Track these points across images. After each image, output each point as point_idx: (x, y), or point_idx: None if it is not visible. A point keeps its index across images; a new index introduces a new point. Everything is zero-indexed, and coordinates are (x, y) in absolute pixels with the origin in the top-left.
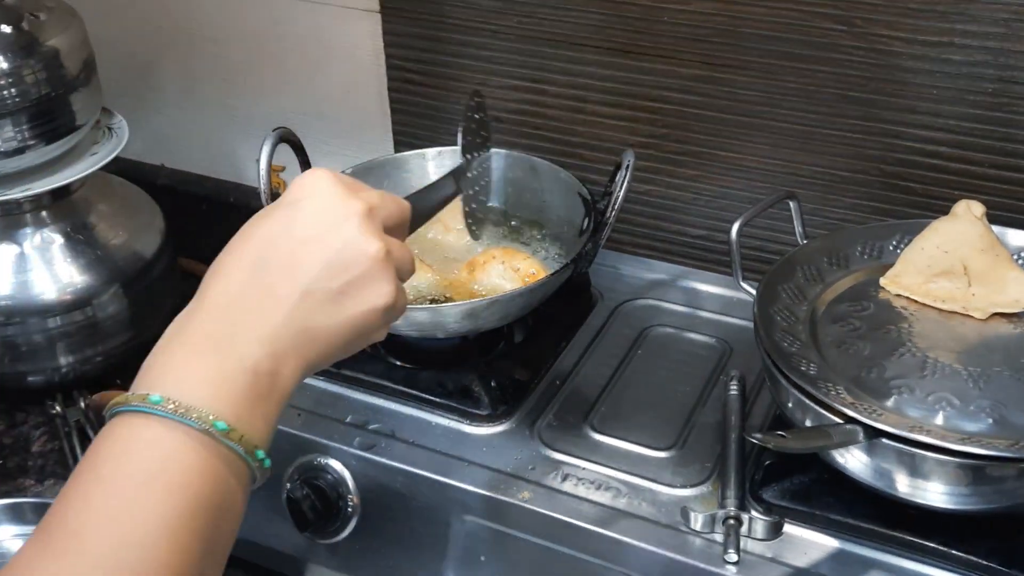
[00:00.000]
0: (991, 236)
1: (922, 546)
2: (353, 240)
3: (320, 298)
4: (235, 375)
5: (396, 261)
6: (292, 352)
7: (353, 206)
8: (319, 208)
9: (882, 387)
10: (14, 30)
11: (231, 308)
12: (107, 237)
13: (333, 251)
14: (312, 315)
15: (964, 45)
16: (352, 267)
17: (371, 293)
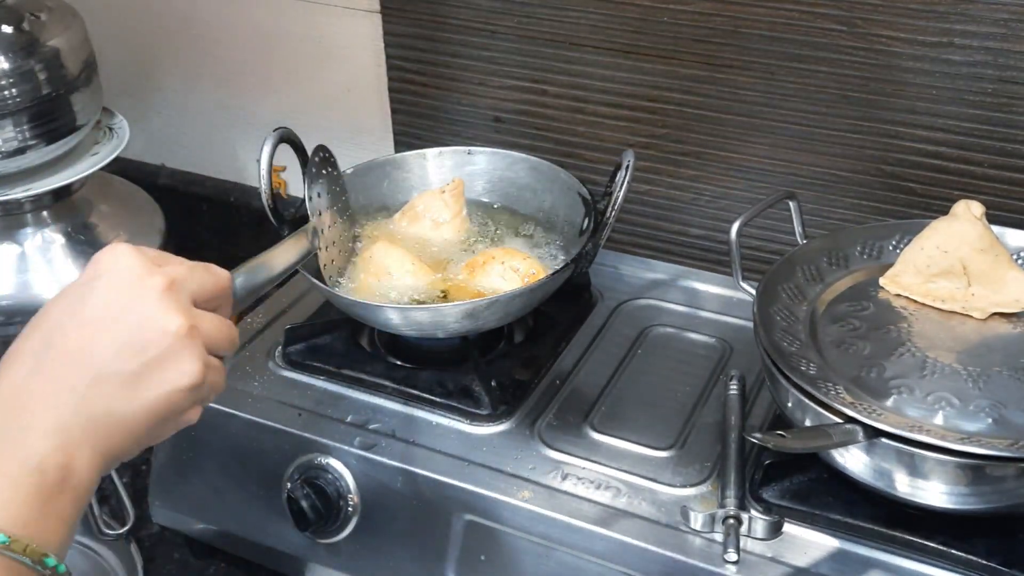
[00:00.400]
0: (991, 236)
1: (922, 546)
2: (150, 317)
3: (114, 383)
4: (19, 476)
5: (206, 336)
6: (86, 443)
7: (151, 281)
8: (113, 286)
9: (882, 387)
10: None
11: (16, 400)
12: (108, 237)
13: (127, 331)
14: (106, 402)
15: (964, 45)
16: (150, 347)
17: (172, 373)
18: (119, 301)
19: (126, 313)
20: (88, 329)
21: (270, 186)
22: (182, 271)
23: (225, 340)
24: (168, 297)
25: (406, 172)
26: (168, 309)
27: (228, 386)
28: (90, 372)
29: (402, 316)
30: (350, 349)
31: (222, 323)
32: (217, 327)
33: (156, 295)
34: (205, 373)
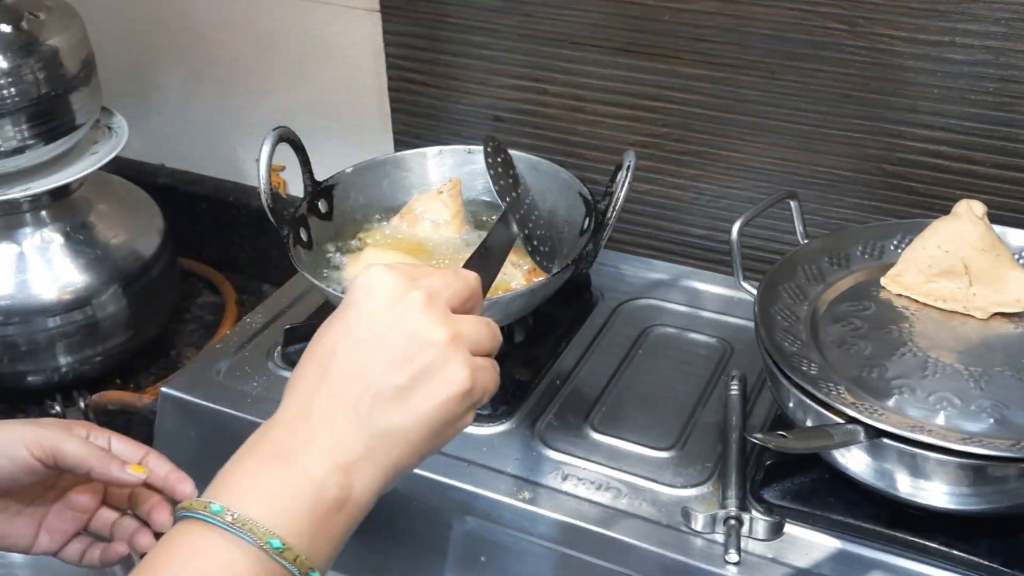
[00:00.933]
0: (992, 236)
1: (923, 546)
2: (415, 331)
3: (389, 397)
4: (299, 489)
5: (469, 341)
6: (366, 460)
7: (411, 296)
8: (377, 305)
9: (883, 387)
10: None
11: (301, 419)
12: (107, 237)
13: (395, 347)
14: (384, 417)
15: (965, 44)
16: (418, 359)
17: (442, 382)
18: (384, 319)
19: (392, 330)
20: (360, 349)
21: (269, 185)
22: (436, 282)
23: (488, 339)
24: (428, 309)
25: (406, 171)
26: (430, 321)
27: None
28: (366, 390)
29: None
30: None
31: (481, 323)
32: (477, 329)
33: (417, 309)
34: (474, 377)
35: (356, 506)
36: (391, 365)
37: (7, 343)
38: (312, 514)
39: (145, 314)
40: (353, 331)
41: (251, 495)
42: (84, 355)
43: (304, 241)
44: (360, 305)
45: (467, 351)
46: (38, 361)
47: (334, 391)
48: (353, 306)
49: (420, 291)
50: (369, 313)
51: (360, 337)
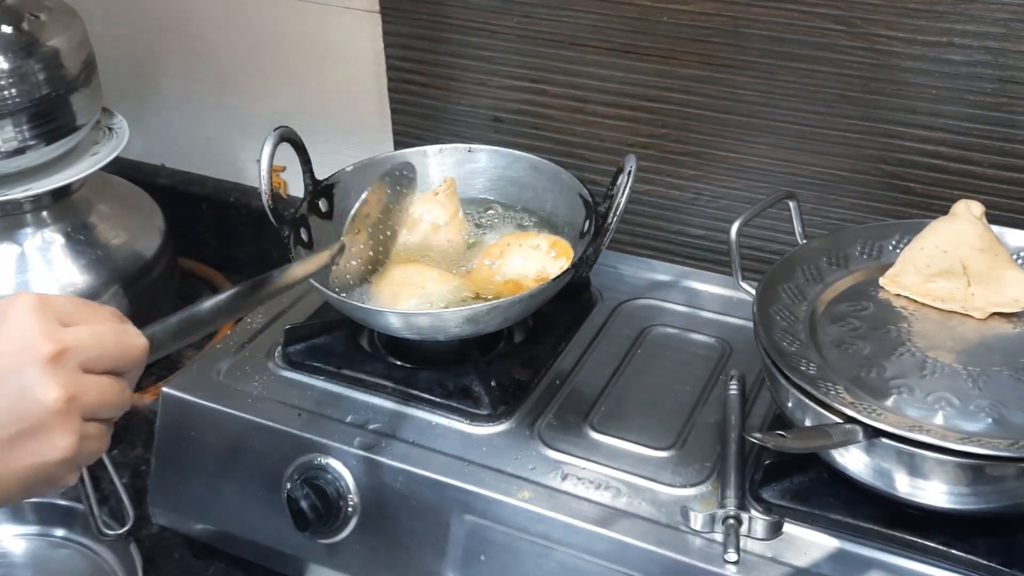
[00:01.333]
0: (990, 236)
1: (922, 546)
2: (28, 388)
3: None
4: None
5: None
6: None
7: (38, 348)
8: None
9: (882, 387)
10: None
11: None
12: (107, 237)
13: (7, 398)
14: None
15: (964, 45)
16: (25, 417)
17: (44, 446)
18: (4, 365)
19: (8, 378)
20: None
21: (270, 186)
22: (81, 338)
23: (112, 407)
24: (50, 367)
25: None
26: (47, 381)
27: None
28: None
29: (403, 321)
30: (350, 349)
31: (112, 389)
32: (104, 394)
33: (39, 364)
34: (78, 446)
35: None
36: None
37: None
38: None
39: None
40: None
41: None
42: None
43: (305, 241)
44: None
45: (79, 418)
46: None
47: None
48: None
49: (52, 345)
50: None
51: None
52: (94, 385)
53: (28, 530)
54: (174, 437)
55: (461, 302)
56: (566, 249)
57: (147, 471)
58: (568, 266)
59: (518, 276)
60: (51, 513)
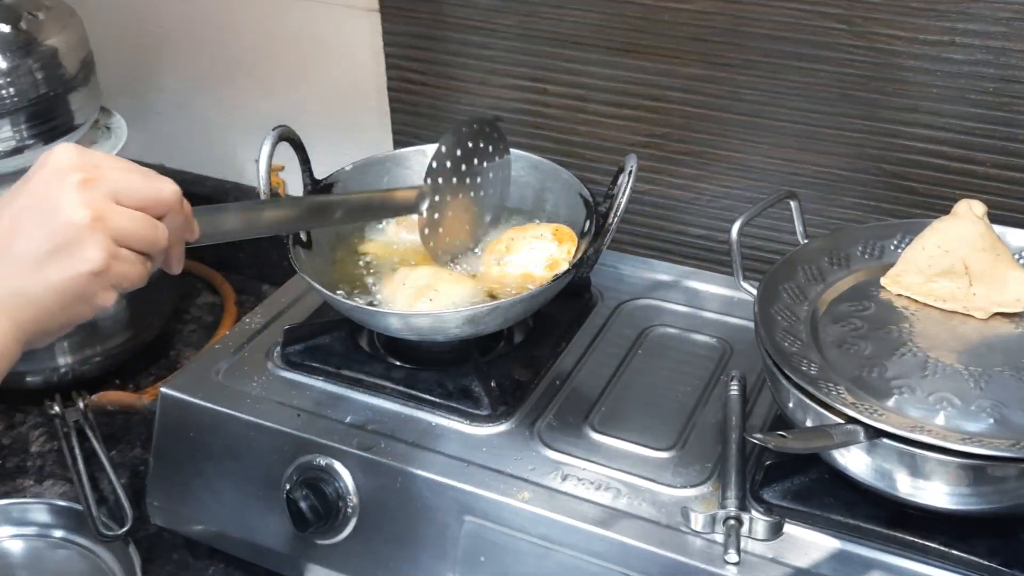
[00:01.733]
0: (992, 236)
1: (923, 546)
2: (59, 207)
3: (25, 264)
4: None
5: (116, 229)
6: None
7: (71, 176)
8: (41, 178)
9: (883, 387)
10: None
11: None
12: None
13: (41, 218)
14: (17, 280)
15: (965, 44)
16: (57, 234)
17: (75, 259)
18: (40, 191)
19: (43, 202)
20: (13, 217)
21: (269, 185)
22: (111, 172)
23: (143, 238)
24: (81, 190)
25: (406, 168)
26: (76, 201)
27: (143, 278)
28: (10, 251)
29: (403, 321)
30: (349, 350)
31: (143, 222)
32: (133, 222)
33: (71, 188)
34: (109, 262)
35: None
36: (33, 234)
37: None
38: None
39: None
40: (17, 199)
41: None
42: (83, 355)
43: (303, 241)
44: (32, 176)
45: (108, 237)
46: (37, 361)
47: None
48: (28, 177)
49: (82, 173)
50: (32, 184)
51: (17, 205)
52: (123, 212)
53: (27, 530)
54: (173, 438)
55: (484, 300)
56: (569, 234)
57: (146, 471)
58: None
59: (529, 268)
60: (50, 513)
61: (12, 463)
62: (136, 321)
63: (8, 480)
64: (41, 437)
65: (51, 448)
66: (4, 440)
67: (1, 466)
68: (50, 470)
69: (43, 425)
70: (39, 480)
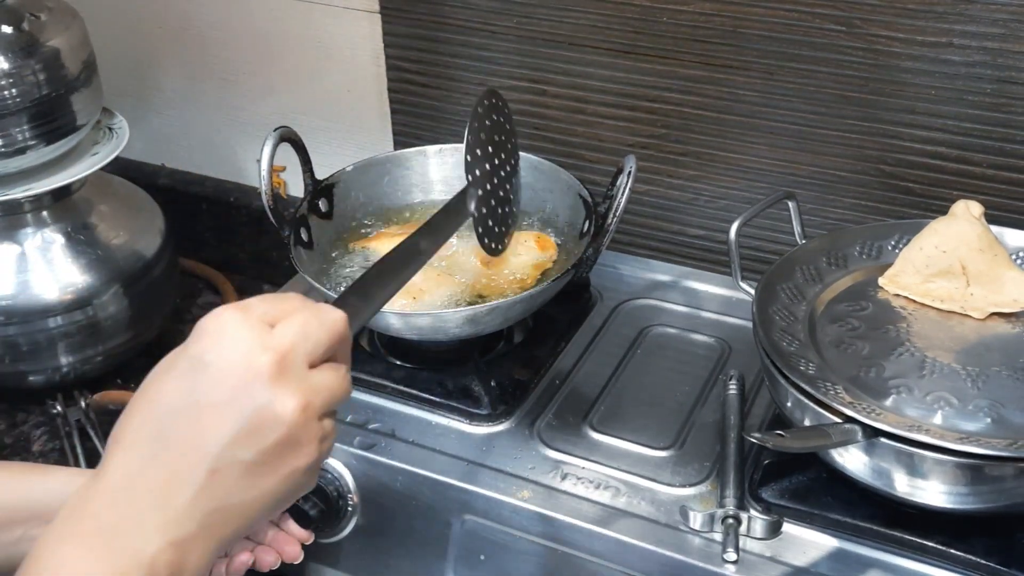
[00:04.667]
0: (989, 236)
1: (921, 545)
2: (265, 403)
3: (232, 474)
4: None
5: (321, 405)
6: (201, 536)
7: (261, 362)
8: (224, 365)
9: (881, 387)
10: (15, 30)
11: (129, 492)
12: (108, 237)
13: (241, 418)
14: (224, 493)
15: (963, 46)
16: (265, 434)
17: (291, 457)
18: (230, 385)
19: (238, 398)
20: (202, 417)
21: (270, 186)
22: (293, 336)
23: (340, 396)
24: (280, 378)
25: (406, 169)
26: (281, 393)
27: None
28: (206, 463)
29: (404, 321)
30: None
31: (335, 378)
32: (331, 387)
33: (267, 378)
34: (322, 449)
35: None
36: (236, 438)
37: (8, 343)
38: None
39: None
40: (197, 394)
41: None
42: (85, 355)
43: (305, 241)
44: (207, 363)
45: (317, 420)
46: (39, 361)
47: (170, 461)
48: (199, 363)
49: (272, 354)
50: (215, 375)
51: (202, 402)
52: (321, 382)
53: None
54: None
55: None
56: (550, 243)
57: None
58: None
59: (517, 271)
60: None
61: None
62: (138, 321)
63: None
64: (43, 436)
65: (53, 447)
66: (6, 439)
67: None
68: None
69: (45, 424)
70: None
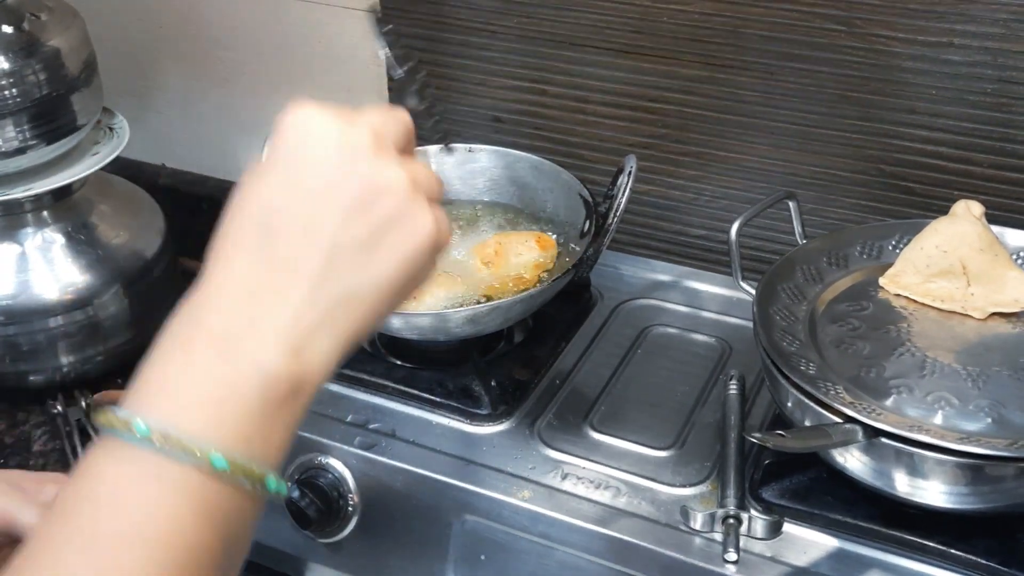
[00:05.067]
0: (990, 236)
1: (921, 545)
2: (371, 175)
3: (350, 257)
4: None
5: (424, 185)
6: (322, 335)
7: (358, 137)
8: (320, 149)
9: (881, 387)
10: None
11: (241, 296)
12: (108, 237)
13: (351, 195)
14: (344, 279)
15: (963, 45)
16: (378, 207)
17: (409, 233)
18: (332, 164)
19: (345, 176)
20: (309, 202)
21: None
22: (377, 121)
23: (436, 184)
24: (379, 151)
25: None
26: (386, 164)
27: None
28: (322, 248)
29: (404, 321)
30: None
31: (426, 167)
32: (426, 173)
33: (368, 152)
34: (438, 224)
35: (311, 387)
36: (349, 217)
37: (9, 343)
38: (263, 411)
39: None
40: (299, 183)
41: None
42: (86, 355)
43: None
44: (300, 152)
45: (424, 196)
46: (39, 361)
47: (282, 255)
48: (293, 153)
49: (365, 130)
50: (315, 160)
51: (308, 188)
52: (415, 164)
53: None
54: None
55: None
56: (550, 242)
57: None
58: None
59: (519, 270)
60: None
61: (14, 462)
62: (138, 321)
63: None
64: (43, 436)
65: (53, 447)
66: (6, 439)
67: (3, 465)
68: (52, 469)
69: (45, 424)
70: None
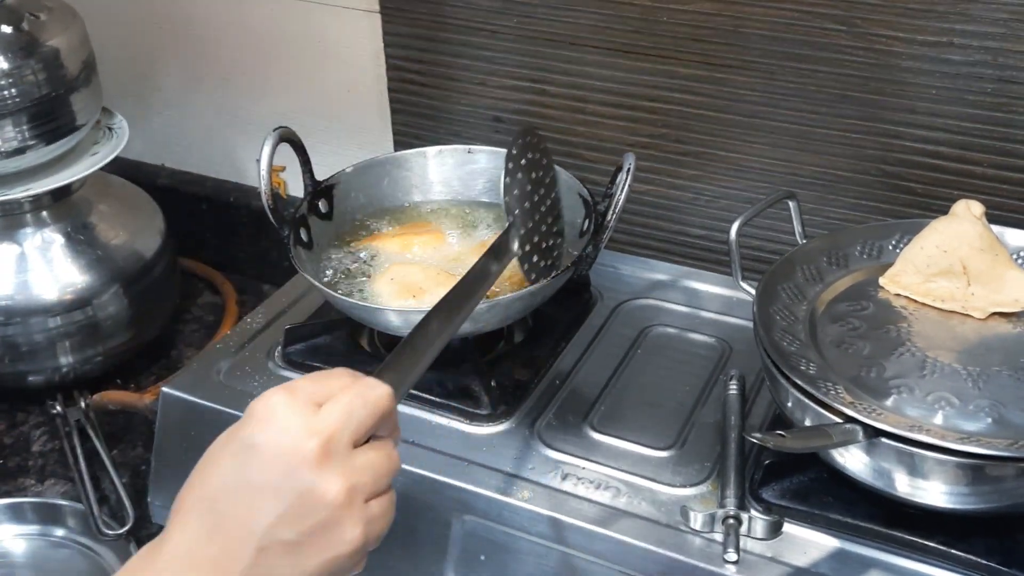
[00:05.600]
0: (990, 236)
1: (921, 545)
2: (309, 486)
3: (277, 553)
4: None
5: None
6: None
7: (306, 447)
8: (272, 449)
9: (881, 386)
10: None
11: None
12: (107, 237)
13: (287, 500)
14: (269, 572)
15: (963, 45)
16: (309, 516)
17: (333, 541)
18: (277, 467)
19: (285, 481)
20: (251, 497)
21: (270, 186)
22: (337, 419)
23: (387, 474)
24: (324, 462)
25: (406, 171)
26: (326, 474)
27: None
28: (254, 542)
29: (403, 319)
30: (350, 349)
31: (379, 457)
32: (376, 468)
33: (312, 462)
34: (367, 533)
35: None
36: (282, 518)
37: (8, 343)
38: None
39: (146, 314)
40: (247, 475)
41: None
42: (85, 355)
43: (304, 241)
44: (256, 446)
45: (362, 503)
46: (39, 361)
47: (223, 538)
48: (249, 446)
49: (317, 439)
50: (264, 458)
51: (253, 483)
52: (365, 464)
53: (28, 530)
54: (174, 437)
55: None
56: None
57: (147, 471)
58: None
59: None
60: (51, 513)
61: (14, 462)
62: (137, 321)
63: (10, 479)
64: (43, 436)
65: (53, 447)
66: (6, 439)
67: (3, 465)
68: (51, 469)
69: (45, 424)
70: (40, 479)
